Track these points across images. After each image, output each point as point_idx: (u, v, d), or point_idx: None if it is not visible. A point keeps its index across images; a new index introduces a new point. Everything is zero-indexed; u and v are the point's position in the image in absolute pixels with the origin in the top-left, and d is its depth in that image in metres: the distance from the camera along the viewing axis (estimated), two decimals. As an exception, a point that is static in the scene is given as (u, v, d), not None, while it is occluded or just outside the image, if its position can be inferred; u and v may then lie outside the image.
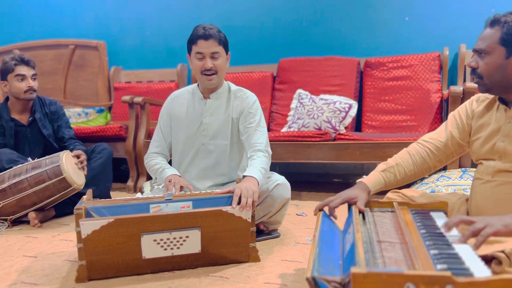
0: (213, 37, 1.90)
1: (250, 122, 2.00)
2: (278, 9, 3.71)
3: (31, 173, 2.29)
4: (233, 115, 2.02)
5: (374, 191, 1.50)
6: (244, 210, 1.63)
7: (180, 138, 2.06)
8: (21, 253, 1.92)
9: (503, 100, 1.42)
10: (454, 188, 2.20)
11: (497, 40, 1.32)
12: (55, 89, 4.13)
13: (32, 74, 2.63)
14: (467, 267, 0.93)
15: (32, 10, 4.35)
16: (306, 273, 0.98)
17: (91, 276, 1.57)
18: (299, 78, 3.50)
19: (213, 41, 1.90)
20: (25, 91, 2.60)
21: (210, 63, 1.91)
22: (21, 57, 2.62)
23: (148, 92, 3.84)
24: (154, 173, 2.05)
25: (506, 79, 1.34)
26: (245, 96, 2.05)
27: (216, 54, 1.92)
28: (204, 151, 2.04)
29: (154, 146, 2.12)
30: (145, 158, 2.13)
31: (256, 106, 2.04)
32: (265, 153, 1.94)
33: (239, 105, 2.03)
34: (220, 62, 1.93)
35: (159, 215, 1.57)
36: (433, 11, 3.37)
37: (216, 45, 1.91)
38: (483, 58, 1.36)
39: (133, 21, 4.11)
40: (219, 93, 2.03)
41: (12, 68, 2.58)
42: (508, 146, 1.36)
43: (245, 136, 1.99)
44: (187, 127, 2.04)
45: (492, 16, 1.35)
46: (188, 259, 1.64)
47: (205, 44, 1.90)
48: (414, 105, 3.18)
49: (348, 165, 3.68)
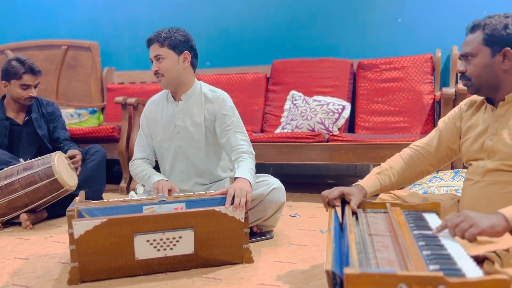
0: (154, 40, 1.95)
1: (227, 124, 1.99)
2: (272, 10, 3.72)
3: (23, 174, 2.28)
4: (206, 115, 2.02)
5: (370, 194, 1.51)
6: (237, 210, 1.63)
7: (159, 142, 2.08)
8: (12, 255, 1.91)
9: (491, 100, 1.46)
10: (446, 189, 2.21)
11: (481, 41, 1.38)
12: (48, 89, 4.10)
13: (36, 84, 2.62)
14: (459, 268, 0.94)
15: (25, 10, 4.32)
16: (326, 266, 0.98)
17: (83, 278, 1.56)
18: (293, 79, 3.51)
19: (155, 45, 1.94)
20: (25, 98, 2.60)
21: (156, 66, 1.96)
22: (31, 66, 2.58)
23: (141, 93, 3.82)
24: (141, 180, 2.05)
25: (494, 77, 1.39)
26: (216, 97, 2.03)
27: (159, 56, 1.94)
28: (181, 153, 2.05)
29: (138, 151, 2.12)
30: (130, 165, 2.12)
31: (229, 106, 2.03)
32: (249, 154, 1.95)
33: (211, 106, 2.02)
34: (164, 64, 1.94)
35: (152, 215, 1.57)
36: (426, 13, 3.39)
37: (158, 48, 1.94)
38: (470, 61, 1.42)
39: (126, 21, 4.09)
40: (189, 94, 2.03)
41: (19, 76, 2.56)
42: (496, 144, 1.39)
43: (225, 139, 1.99)
44: (163, 130, 2.05)
45: (471, 23, 1.43)
46: (182, 260, 1.63)
47: (150, 49, 1.96)
48: (407, 107, 3.20)
49: (341, 166, 3.69)
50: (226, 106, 2.01)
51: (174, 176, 2.08)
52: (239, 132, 1.99)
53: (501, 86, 1.40)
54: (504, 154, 1.37)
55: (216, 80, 3.65)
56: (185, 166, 2.06)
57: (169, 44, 1.94)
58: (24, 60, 2.59)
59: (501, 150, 1.38)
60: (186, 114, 2.02)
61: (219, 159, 2.10)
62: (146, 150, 2.11)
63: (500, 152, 1.38)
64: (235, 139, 1.96)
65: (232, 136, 1.97)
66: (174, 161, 2.06)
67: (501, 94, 1.41)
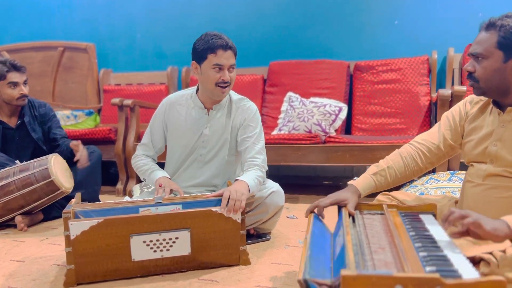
0: (232, 49, 1.85)
1: (249, 136, 1.96)
2: (269, 12, 3.72)
3: (19, 175, 2.27)
4: (233, 126, 1.98)
5: (364, 194, 1.50)
6: (231, 213, 1.63)
7: (177, 146, 2.02)
8: (8, 257, 1.90)
9: (498, 103, 1.41)
10: (443, 190, 2.22)
11: (494, 44, 1.31)
12: (44, 91, 4.09)
13: (24, 80, 2.60)
14: (456, 269, 0.94)
15: (21, 11, 4.31)
16: (298, 275, 0.98)
17: (79, 280, 1.56)
18: (290, 81, 3.52)
19: (231, 53, 1.85)
20: (17, 98, 2.57)
21: (228, 75, 1.85)
22: (12, 63, 2.56)
23: (138, 95, 3.82)
24: (143, 174, 2.01)
25: (504, 83, 1.33)
26: (246, 107, 2.00)
27: (233, 66, 1.87)
28: (201, 162, 2.01)
29: (142, 149, 2.07)
30: (132, 158, 2.08)
31: (256, 118, 2.00)
32: (261, 168, 1.91)
33: (240, 115, 1.99)
34: (234, 75, 1.89)
35: (148, 216, 1.57)
36: (422, 15, 3.41)
37: (233, 57, 1.87)
38: (480, 62, 1.35)
39: (123, 23, 4.09)
40: (222, 104, 1.98)
41: (4, 75, 2.53)
42: (500, 151, 1.36)
43: (243, 148, 1.96)
44: (185, 136, 1.99)
45: (487, 20, 1.34)
46: (178, 262, 1.63)
47: (225, 55, 1.83)
48: (403, 108, 3.21)
49: (338, 168, 3.70)
50: (254, 117, 1.99)
51: (184, 181, 2.03)
52: (258, 145, 1.96)
53: (510, 92, 1.35)
54: (507, 162, 1.34)
55: (213, 82, 3.65)
56: (201, 174, 2.02)
57: (236, 55, 1.89)
58: (5, 60, 2.57)
59: (504, 157, 1.34)
60: (215, 125, 1.97)
61: (236, 170, 2.08)
62: (150, 150, 2.05)
63: (504, 159, 1.35)
64: (253, 150, 1.93)
65: (251, 147, 1.94)
66: (190, 167, 2.02)
67: (510, 99, 1.36)
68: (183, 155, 2.02)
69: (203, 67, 1.86)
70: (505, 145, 1.35)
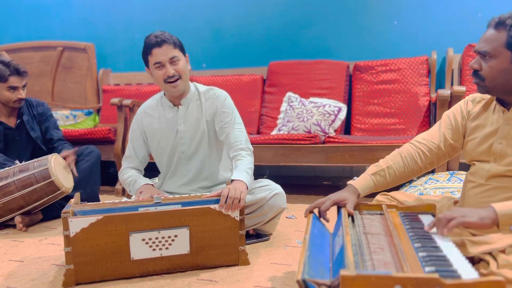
0: (168, 41, 1.84)
1: (226, 122, 1.97)
2: (268, 12, 3.72)
3: (19, 176, 2.27)
4: (207, 117, 1.99)
5: (364, 194, 1.50)
6: (229, 210, 1.63)
7: (160, 150, 2.04)
8: (7, 257, 1.89)
9: (502, 101, 1.39)
10: (442, 190, 2.22)
11: (503, 43, 1.27)
12: (43, 91, 4.09)
13: (23, 84, 2.60)
14: (455, 269, 0.94)
15: (20, 11, 4.31)
16: (297, 276, 0.98)
17: (78, 280, 1.56)
18: (289, 81, 3.51)
19: (168, 45, 1.83)
20: (14, 101, 2.57)
21: (171, 69, 1.85)
22: (16, 67, 2.55)
23: (137, 95, 3.82)
24: (128, 186, 2.03)
25: (510, 82, 1.31)
26: (216, 96, 2.00)
27: (175, 58, 1.85)
28: (185, 159, 2.02)
29: (127, 162, 2.08)
30: (119, 173, 2.10)
31: (228, 103, 2.00)
32: (247, 151, 1.93)
33: (211, 105, 1.99)
34: (181, 65, 1.87)
35: (147, 213, 1.57)
36: (421, 16, 3.41)
37: (172, 48, 1.84)
38: (487, 61, 1.32)
39: (122, 23, 4.08)
40: (189, 98, 1.99)
41: (6, 79, 2.53)
42: (505, 148, 1.34)
43: (224, 136, 1.97)
44: (164, 137, 2.01)
45: (497, 17, 1.31)
46: (177, 262, 1.63)
47: (160, 51, 1.83)
48: (403, 109, 3.21)
49: (338, 168, 3.70)
50: (225, 103, 1.99)
51: (177, 180, 2.05)
52: (237, 128, 1.97)
53: None
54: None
55: (212, 82, 3.65)
56: (188, 170, 2.03)
57: (179, 45, 1.88)
58: (8, 62, 2.56)
59: (510, 155, 1.33)
60: (187, 119, 1.98)
61: (221, 159, 2.09)
62: (134, 161, 2.07)
63: (509, 157, 1.33)
64: (233, 135, 1.94)
65: (231, 133, 1.95)
66: (177, 166, 2.04)
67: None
68: (167, 156, 2.03)
69: (151, 69, 1.90)
70: (510, 143, 1.34)
